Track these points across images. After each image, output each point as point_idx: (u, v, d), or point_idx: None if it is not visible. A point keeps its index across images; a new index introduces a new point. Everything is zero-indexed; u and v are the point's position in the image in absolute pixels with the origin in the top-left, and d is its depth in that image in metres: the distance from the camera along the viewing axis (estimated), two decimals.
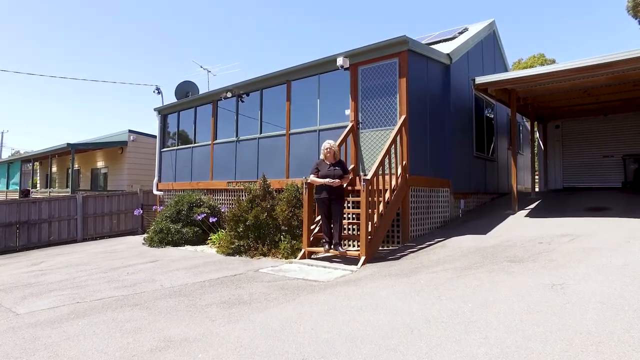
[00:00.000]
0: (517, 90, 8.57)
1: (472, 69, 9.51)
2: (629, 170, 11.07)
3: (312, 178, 6.22)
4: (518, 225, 7.07)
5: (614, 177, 11.49)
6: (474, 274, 4.52)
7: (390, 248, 6.67)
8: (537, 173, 18.33)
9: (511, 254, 5.21)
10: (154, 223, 9.59)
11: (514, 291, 3.71)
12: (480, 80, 7.42)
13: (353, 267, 5.54)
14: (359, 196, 7.10)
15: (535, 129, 13.41)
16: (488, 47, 10.79)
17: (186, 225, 9.17)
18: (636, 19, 27.52)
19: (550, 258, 4.76)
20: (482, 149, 9.93)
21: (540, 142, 12.67)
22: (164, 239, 8.99)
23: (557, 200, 9.37)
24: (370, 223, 5.79)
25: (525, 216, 7.85)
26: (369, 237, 5.75)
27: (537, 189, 11.56)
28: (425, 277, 4.61)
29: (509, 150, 12.59)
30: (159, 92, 12.72)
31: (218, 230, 8.83)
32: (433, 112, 7.74)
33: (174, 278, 5.44)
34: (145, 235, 9.70)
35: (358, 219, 6.99)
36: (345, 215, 6.78)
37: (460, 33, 10.29)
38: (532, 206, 8.93)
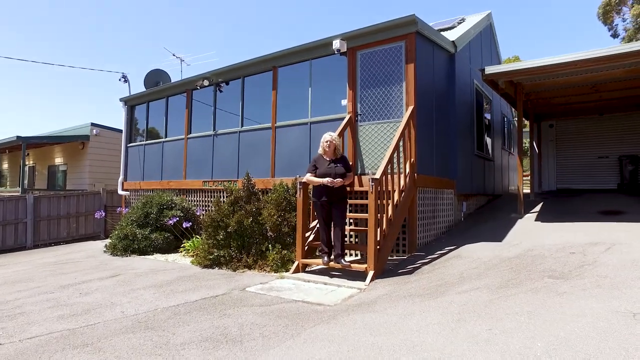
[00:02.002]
0: (524, 83, 7.91)
1: (473, 61, 8.82)
2: (625, 172, 10.70)
3: (309, 177, 5.26)
4: (534, 231, 6.36)
5: (609, 179, 11.10)
6: (515, 294, 3.69)
7: (397, 258, 5.79)
8: (524, 174, 18.10)
9: (547, 268, 4.43)
10: (118, 227, 8.36)
11: (585, 322, 2.89)
12: (491, 70, 6.67)
13: (360, 284, 4.62)
14: (360, 198, 6.21)
15: (527, 127, 12.96)
16: (486, 40, 10.16)
17: (155, 231, 7.99)
18: (606, 25, 28.11)
19: (599, 274, 4.01)
20: (481, 148, 9.26)
21: (534, 142, 12.18)
22: (129, 246, 7.79)
23: (560, 203, 8.80)
24: (379, 230, 4.89)
25: (536, 220, 7.17)
26: (378, 247, 4.85)
27: (528, 191, 11.03)
28: (456, 299, 3.74)
29: (503, 149, 12.09)
30: (125, 81, 11.36)
31: (193, 236, 7.72)
32: (438, 104, 6.95)
33: (139, 300, 4.34)
34: (108, 241, 8.45)
35: (360, 224, 6.10)
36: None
37: (459, 23, 9.59)
38: (537, 209, 8.31)
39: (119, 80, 11.47)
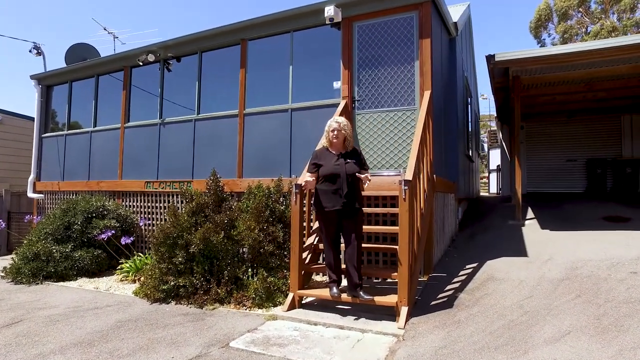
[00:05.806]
0: (521, 77, 7.19)
1: (463, 51, 7.98)
2: (594, 175, 10.61)
3: (307, 178, 3.85)
4: (552, 242, 5.52)
5: (576, 182, 10.99)
6: (635, 347, 2.63)
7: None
8: (482, 178, 18.09)
9: (627, 296, 3.47)
10: (25, 243, 6.21)
11: None
12: (504, 57, 5.77)
13: (391, 326, 3.31)
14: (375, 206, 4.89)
15: (498, 128, 12.63)
16: (467, 32, 9.42)
17: (81, 247, 6.03)
18: (536, 39, 29.96)
19: None
20: (468, 148, 8.47)
21: (504, 144, 11.80)
22: (41, 270, 5.74)
23: (549, 208, 8.22)
24: (411, 248, 3.62)
25: (543, 229, 6.41)
26: (411, 272, 3.58)
27: (487, 194, 10.60)
28: (557, 355, 2.59)
29: (475, 150, 11.55)
30: (38, 53, 8.80)
31: (133, 254, 5.91)
32: (445, 94, 5.90)
33: None
34: (11, 259, 6.27)
35: (370, 240, 4.78)
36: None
37: None
38: (531, 215, 7.63)
39: (30, 51, 8.89)
